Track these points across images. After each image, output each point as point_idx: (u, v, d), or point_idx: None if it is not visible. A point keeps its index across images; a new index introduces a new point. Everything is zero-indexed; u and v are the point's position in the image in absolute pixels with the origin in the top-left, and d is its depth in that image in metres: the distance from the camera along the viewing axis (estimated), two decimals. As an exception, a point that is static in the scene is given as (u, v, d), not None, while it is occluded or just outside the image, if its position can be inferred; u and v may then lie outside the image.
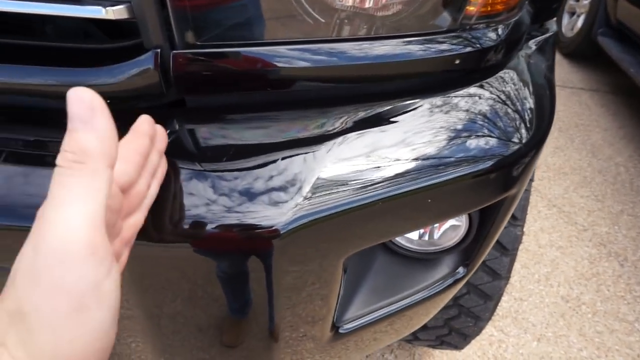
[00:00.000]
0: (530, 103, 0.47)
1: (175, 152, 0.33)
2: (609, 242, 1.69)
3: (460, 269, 0.50)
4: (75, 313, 0.20)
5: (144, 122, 0.30)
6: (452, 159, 0.38)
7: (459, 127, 0.40)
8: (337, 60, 0.35)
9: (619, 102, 2.64)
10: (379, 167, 0.35)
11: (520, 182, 0.45)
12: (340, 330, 0.43)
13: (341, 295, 0.41)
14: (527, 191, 0.90)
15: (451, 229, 0.48)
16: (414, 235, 0.49)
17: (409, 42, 0.37)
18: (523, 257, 1.60)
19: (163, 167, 0.32)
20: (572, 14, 3.17)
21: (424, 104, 0.40)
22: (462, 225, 0.48)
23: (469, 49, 0.40)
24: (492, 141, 0.42)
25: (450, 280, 0.49)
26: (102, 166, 0.22)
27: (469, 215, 0.46)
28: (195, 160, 0.33)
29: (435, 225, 0.48)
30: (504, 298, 1.45)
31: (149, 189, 0.31)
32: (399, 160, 0.36)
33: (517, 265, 1.56)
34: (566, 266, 1.58)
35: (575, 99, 2.66)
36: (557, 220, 1.77)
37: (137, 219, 0.30)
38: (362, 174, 0.34)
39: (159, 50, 0.32)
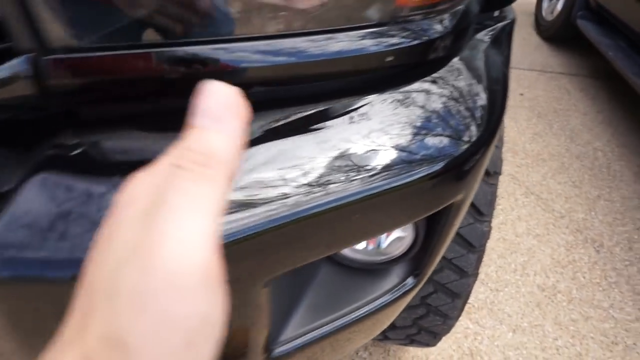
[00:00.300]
0: (478, 98, 0.44)
1: (59, 168, 0.29)
2: (586, 229, 1.68)
3: (410, 280, 0.47)
4: (183, 349, 0.17)
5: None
6: (387, 166, 0.34)
7: (397, 129, 0.36)
8: (250, 61, 0.31)
9: (598, 86, 2.63)
10: (296, 180, 0.31)
11: (468, 186, 0.42)
12: (273, 355, 0.39)
13: (273, 317, 0.37)
14: (493, 185, 0.87)
15: (398, 238, 0.45)
16: (360, 244, 0.46)
17: (333, 38, 0.33)
18: (500, 246, 1.59)
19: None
20: (552, -4, 3.13)
21: (358, 105, 0.37)
22: (407, 234, 0.44)
23: (404, 43, 0.36)
24: (435, 143, 0.39)
25: (398, 292, 0.46)
26: (226, 176, 0.19)
27: (415, 223, 0.43)
28: (83, 177, 0.29)
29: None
30: (480, 289, 1.44)
31: None
32: (318, 171, 0.32)
33: (493, 255, 1.55)
34: (543, 254, 1.57)
35: (555, 83, 2.64)
36: (535, 208, 1.76)
37: None
38: (275, 190, 0.30)
39: (32, 54, 0.27)
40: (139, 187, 0.20)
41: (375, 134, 0.36)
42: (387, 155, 0.35)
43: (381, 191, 0.33)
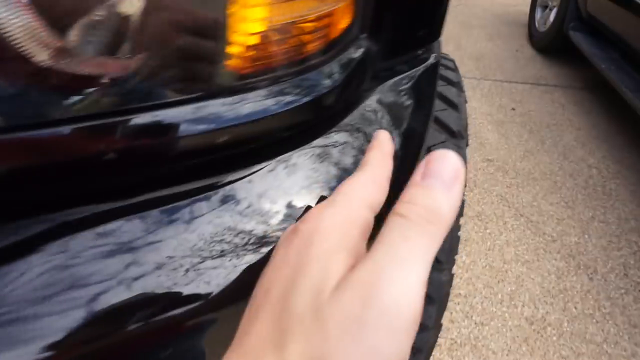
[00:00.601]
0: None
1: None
2: (578, 254, 1.60)
3: None
4: None
5: (389, 140, 0.28)
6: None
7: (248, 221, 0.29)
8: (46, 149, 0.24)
9: (593, 99, 2.55)
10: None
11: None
12: None
13: None
14: (457, 228, 0.80)
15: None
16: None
17: (160, 114, 0.26)
18: (486, 274, 1.51)
19: None
20: (545, 7, 3.08)
21: (222, 183, 0.30)
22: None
23: (254, 115, 0.29)
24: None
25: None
26: (444, 234, 0.21)
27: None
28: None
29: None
30: (464, 323, 1.36)
31: None
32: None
33: (479, 285, 1.47)
34: (532, 283, 1.48)
35: (548, 97, 2.56)
36: (524, 232, 1.68)
37: None
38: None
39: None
40: (328, 220, 0.22)
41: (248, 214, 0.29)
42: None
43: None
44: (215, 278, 0.27)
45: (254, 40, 0.29)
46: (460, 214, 0.76)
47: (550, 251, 1.60)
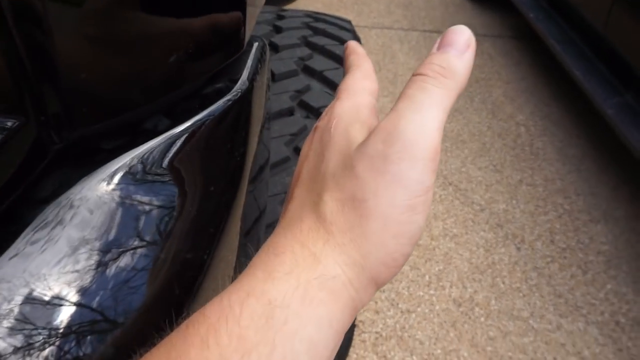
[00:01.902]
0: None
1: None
2: (506, 222, 1.53)
3: None
4: (407, 210, 0.21)
5: (359, 45, 0.31)
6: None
7: None
8: None
9: (522, 49, 2.46)
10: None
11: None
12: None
13: None
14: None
15: None
16: None
17: None
18: (414, 255, 1.41)
19: None
20: (474, -52, 2.89)
21: None
22: None
23: None
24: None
25: None
26: (458, 88, 0.23)
27: None
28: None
29: None
30: (389, 313, 1.26)
31: None
32: None
33: (405, 268, 1.37)
34: (460, 259, 1.41)
35: (478, 48, 2.43)
36: (453, 202, 1.58)
37: None
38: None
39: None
40: (339, 109, 0.26)
41: None
42: None
43: None
44: None
45: None
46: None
47: (478, 222, 1.53)
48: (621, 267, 1.43)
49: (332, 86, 0.77)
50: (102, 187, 0.23)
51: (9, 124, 0.19)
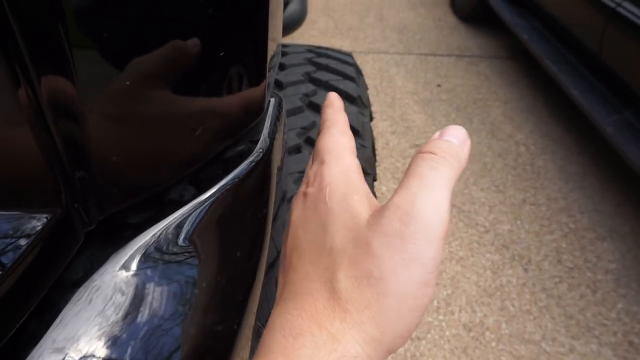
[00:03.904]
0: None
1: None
2: (512, 243, 1.53)
3: None
4: (422, 286, 0.21)
5: (338, 98, 0.32)
6: None
7: None
8: None
9: (519, 69, 2.50)
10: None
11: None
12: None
13: None
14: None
15: None
16: None
17: None
18: (421, 280, 1.40)
19: None
20: (465, -28, 2.96)
21: None
22: None
23: None
24: None
25: None
26: (460, 171, 0.24)
27: None
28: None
29: None
30: (400, 341, 1.24)
31: None
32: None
33: (413, 294, 1.35)
34: (467, 283, 1.40)
35: (474, 69, 2.48)
36: (457, 225, 1.58)
37: None
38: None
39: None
40: (329, 176, 0.26)
41: None
42: None
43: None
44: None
45: None
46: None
47: (484, 244, 1.52)
48: (630, 285, 1.42)
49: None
50: (131, 265, 0.23)
51: (48, 216, 0.20)
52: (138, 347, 0.21)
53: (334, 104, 0.31)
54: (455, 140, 0.25)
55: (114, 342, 0.20)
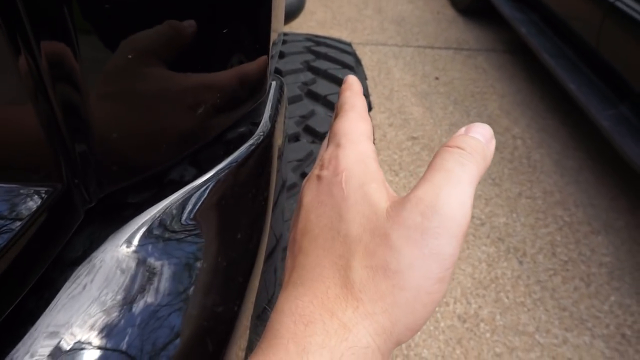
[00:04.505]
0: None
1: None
2: (507, 235, 1.54)
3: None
4: (438, 282, 0.21)
5: (357, 81, 0.31)
6: None
7: None
8: None
9: (516, 62, 2.50)
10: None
11: None
12: None
13: None
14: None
15: None
16: None
17: None
18: (416, 271, 1.40)
19: None
20: (464, -35, 2.94)
21: None
22: None
23: None
24: None
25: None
26: (485, 169, 0.24)
27: None
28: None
29: None
30: (395, 332, 1.25)
31: None
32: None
33: (409, 285, 1.36)
34: (463, 275, 1.40)
35: (471, 62, 2.47)
36: (453, 217, 1.59)
37: None
38: None
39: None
40: (344, 161, 0.25)
41: None
42: None
43: None
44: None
45: None
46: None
47: (480, 236, 1.53)
48: (624, 279, 1.43)
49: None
50: (131, 244, 0.22)
51: (47, 190, 0.19)
52: (137, 328, 0.21)
53: (353, 87, 0.30)
54: (481, 138, 0.25)
55: (113, 323, 0.20)
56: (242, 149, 0.29)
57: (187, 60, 0.25)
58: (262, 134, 0.31)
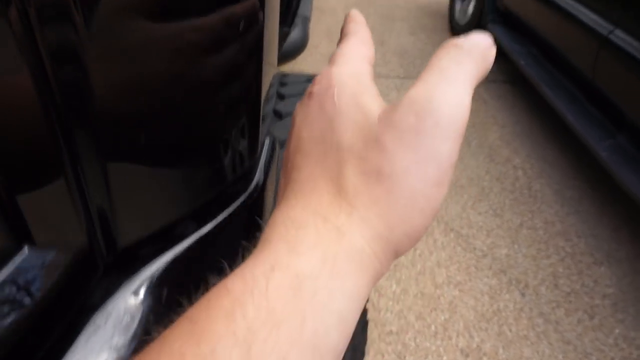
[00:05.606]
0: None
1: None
2: (509, 267, 1.54)
3: None
4: (435, 185, 0.20)
5: (359, 14, 0.29)
6: None
7: None
8: None
9: (516, 93, 2.54)
10: None
11: None
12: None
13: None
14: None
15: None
16: None
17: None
18: (419, 304, 1.41)
19: None
20: (463, -1, 3.03)
21: None
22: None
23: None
24: None
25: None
26: (485, 70, 0.23)
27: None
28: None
29: None
30: (397, 366, 1.24)
31: None
32: None
33: (411, 318, 1.36)
34: (465, 308, 1.40)
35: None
36: (455, 249, 1.60)
37: None
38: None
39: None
40: (338, 77, 0.24)
41: None
42: None
43: None
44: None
45: None
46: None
47: (481, 268, 1.54)
48: (628, 310, 1.42)
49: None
50: (144, 291, 0.25)
51: (74, 251, 0.22)
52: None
53: (356, 18, 0.29)
54: (482, 40, 0.23)
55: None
56: (237, 203, 0.32)
57: (179, 133, 0.28)
58: (254, 190, 0.34)
